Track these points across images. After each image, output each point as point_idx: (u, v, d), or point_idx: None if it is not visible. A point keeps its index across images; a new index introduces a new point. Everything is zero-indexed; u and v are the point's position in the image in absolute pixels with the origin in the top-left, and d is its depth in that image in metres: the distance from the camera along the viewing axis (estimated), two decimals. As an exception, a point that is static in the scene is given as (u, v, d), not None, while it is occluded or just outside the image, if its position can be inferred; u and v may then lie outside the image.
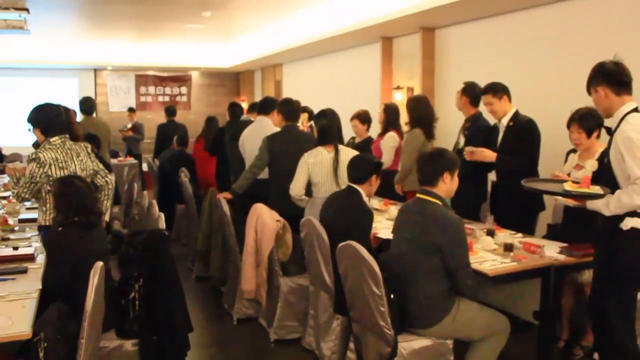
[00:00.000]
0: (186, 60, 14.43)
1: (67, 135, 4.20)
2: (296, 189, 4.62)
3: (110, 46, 13.42)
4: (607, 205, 3.19)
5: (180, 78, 15.56)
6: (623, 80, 3.22)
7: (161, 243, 3.53)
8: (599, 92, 3.25)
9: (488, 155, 4.56)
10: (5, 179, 7.70)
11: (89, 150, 4.33)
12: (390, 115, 6.18)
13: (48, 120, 4.14)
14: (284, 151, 4.98)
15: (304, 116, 7.40)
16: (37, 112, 4.17)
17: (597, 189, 3.30)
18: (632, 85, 3.27)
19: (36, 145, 9.58)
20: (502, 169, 4.56)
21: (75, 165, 4.12)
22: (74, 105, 7.12)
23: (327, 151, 4.59)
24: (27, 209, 5.51)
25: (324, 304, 4.10)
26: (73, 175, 3.83)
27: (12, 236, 4.46)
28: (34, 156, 4.03)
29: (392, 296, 3.23)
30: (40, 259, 3.76)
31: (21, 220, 4.99)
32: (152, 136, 12.75)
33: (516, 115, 4.62)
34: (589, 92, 3.35)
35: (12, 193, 4.20)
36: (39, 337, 2.64)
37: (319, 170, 4.57)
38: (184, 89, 15.60)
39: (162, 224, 4.12)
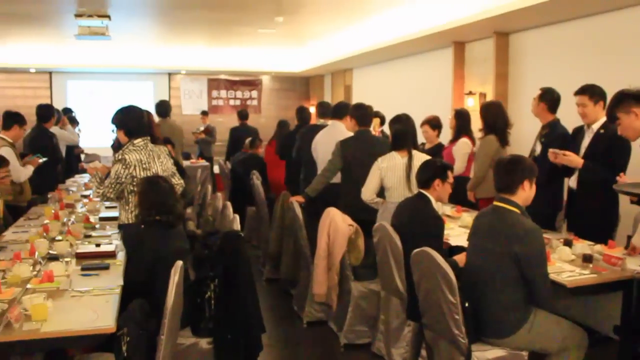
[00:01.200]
0: (257, 64, 14.64)
1: (149, 138, 4.33)
2: (368, 192, 4.63)
3: (184, 51, 13.77)
4: None
5: (251, 82, 15.80)
6: None
7: (237, 244, 3.60)
8: (632, 113, 3.49)
9: (574, 160, 4.40)
10: (86, 178, 8.04)
11: (168, 152, 4.46)
12: (462, 121, 6.09)
13: (132, 122, 4.26)
14: (357, 156, 5.00)
15: (375, 121, 7.38)
16: (122, 114, 4.30)
17: None
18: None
19: (115, 146, 9.97)
20: (588, 177, 4.38)
21: (157, 167, 4.23)
22: (150, 108, 7.33)
23: (400, 156, 4.58)
24: (107, 207, 5.72)
25: (395, 309, 4.09)
26: (157, 176, 3.95)
27: (93, 233, 4.64)
28: (119, 157, 4.15)
29: (466, 304, 3.19)
30: (121, 256, 3.90)
31: (101, 219, 5.18)
32: (223, 139, 13.02)
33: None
34: (614, 119, 3.60)
35: (97, 192, 4.33)
36: (123, 332, 2.74)
37: (391, 175, 4.56)
38: (254, 93, 15.84)
39: (237, 226, 4.19)
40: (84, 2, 8.48)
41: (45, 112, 6.97)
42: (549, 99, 4.84)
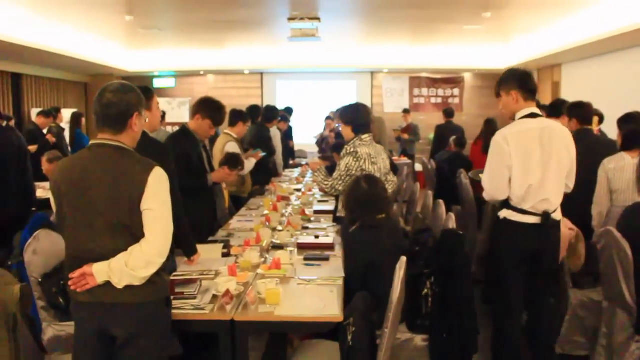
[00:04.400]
0: (459, 61, 14.39)
1: (372, 135, 4.44)
2: (601, 198, 4.35)
3: (387, 50, 13.96)
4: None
5: (452, 80, 15.57)
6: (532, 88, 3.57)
7: (456, 243, 3.56)
8: (511, 95, 3.56)
9: None
10: (296, 172, 8.47)
11: (385, 150, 4.55)
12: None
13: (360, 119, 4.40)
14: (578, 156, 4.71)
15: (594, 120, 6.91)
16: (351, 111, 4.46)
17: None
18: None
19: (319, 142, 10.34)
20: None
21: (380, 162, 4.35)
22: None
23: (630, 157, 4.25)
24: (319, 201, 5.97)
25: (621, 322, 3.79)
26: (370, 174, 4.01)
27: (310, 225, 4.86)
28: (351, 150, 4.30)
29: None
30: (338, 249, 4.04)
31: (316, 212, 5.42)
32: (424, 137, 13.01)
33: None
34: (497, 96, 3.69)
35: (324, 184, 4.49)
36: (349, 322, 2.84)
37: (619, 177, 4.25)
38: (456, 91, 15.59)
39: (453, 224, 4.15)
40: (297, 7, 8.95)
41: (270, 113, 7.48)
42: None
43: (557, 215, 3.65)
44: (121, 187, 2.47)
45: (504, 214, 3.61)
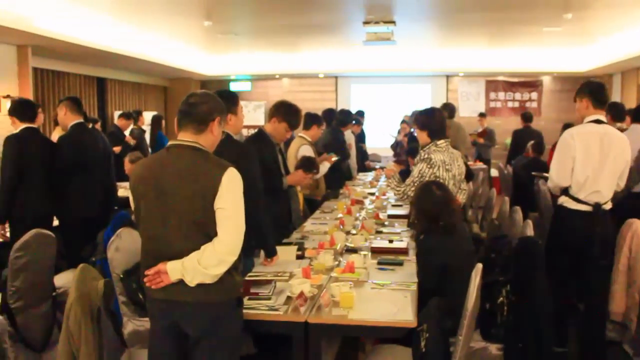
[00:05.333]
0: (538, 65, 13.98)
1: (449, 140, 4.38)
2: None
3: (462, 53, 13.72)
4: None
5: (530, 83, 15.13)
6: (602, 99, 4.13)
7: (534, 251, 3.47)
8: (583, 101, 4.12)
9: None
10: (369, 177, 8.46)
11: (462, 156, 4.48)
12: None
13: (436, 124, 4.36)
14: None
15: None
16: (427, 116, 4.42)
17: None
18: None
19: (394, 146, 10.28)
20: None
21: (455, 169, 4.28)
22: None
23: None
24: (393, 205, 5.94)
25: None
26: (432, 181, 3.93)
27: (384, 230, 4.85)
28: (425, 156, 4.28)
29: None
30: (412, 253, 4.01)
31: (390, 216, 5.40)
32: (500, 142, 12.72)
33: None
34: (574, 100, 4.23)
35: (397, 190, 4.47)
36: (422, 328, 2.81)
37: None
38: (534, 95, 15.13)
39: (531, 231, 4.06)
40: (372, 10, 8.95)
41: (344, 116, 7.53)
42: None
43: (607, 206, 4.11)
44: (196, 186, 2.54)
45: (562, 200, 4.17)
